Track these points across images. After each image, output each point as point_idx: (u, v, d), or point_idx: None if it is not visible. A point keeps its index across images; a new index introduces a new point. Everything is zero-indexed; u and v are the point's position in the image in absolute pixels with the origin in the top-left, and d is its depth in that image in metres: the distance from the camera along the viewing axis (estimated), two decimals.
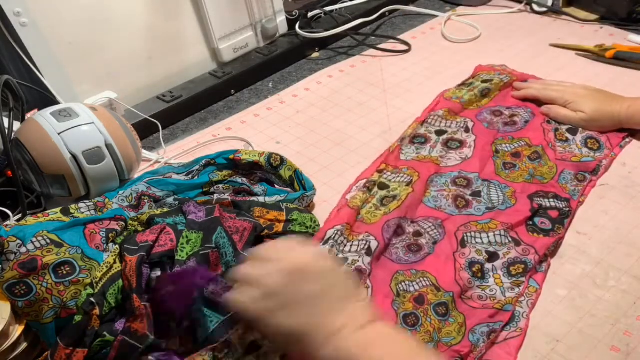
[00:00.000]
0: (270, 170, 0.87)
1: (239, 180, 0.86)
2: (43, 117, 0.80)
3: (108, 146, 0.82)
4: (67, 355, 0.61)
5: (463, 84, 1.09)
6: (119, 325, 0.63)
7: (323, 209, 0.86)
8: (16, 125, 0.83)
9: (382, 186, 0.87)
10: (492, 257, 0.75)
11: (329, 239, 0.76)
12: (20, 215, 0.81)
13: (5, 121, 0.80)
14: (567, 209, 0.81)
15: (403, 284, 0.73)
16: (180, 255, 0.68)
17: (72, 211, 0.75)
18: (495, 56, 1.19)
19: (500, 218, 0.80)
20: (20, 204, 0.80)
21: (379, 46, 1.26)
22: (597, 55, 1.15)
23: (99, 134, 0.81)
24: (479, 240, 0.77)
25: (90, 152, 0.80)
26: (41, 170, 0.79)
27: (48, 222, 0.70)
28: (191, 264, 0.66)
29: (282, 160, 0.87)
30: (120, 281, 0.66)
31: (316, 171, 0.94)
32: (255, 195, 0.84)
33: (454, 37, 1.27)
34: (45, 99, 0.96)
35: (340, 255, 0.75)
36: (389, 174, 0.90)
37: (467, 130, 0.96)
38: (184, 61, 1.15)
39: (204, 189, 0.85)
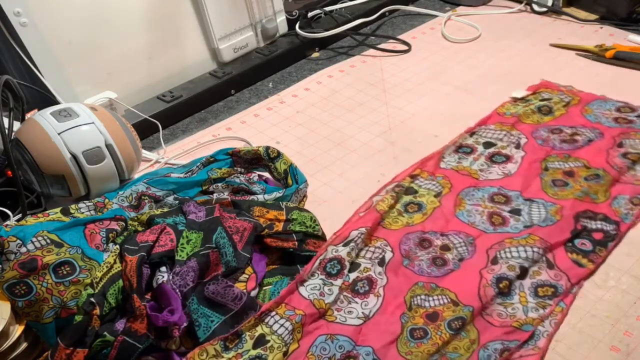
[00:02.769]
0: (268, 161, 0.88)
1: (237, 180, 0.87)
2: (43, 117, 0.80)
3: (108, 146, 0.82)
4: (67, 355, 0.61)
5: (522, 99, 1.05)
6: (119, 325, 0.63)
7: (323, 208, 0.86)
8: (16, 125, 0.83)
9: (410, 191, 0.86)
10: (523, 273, 0.73)
11: (350, 241, 0.76)
12: (20, 215, 0.81)
13: (5, 121, 0.80)
14: (614, 232, 0.78)
15: (419, 297, 0.71)
16: (180, 255, 0.68)
17: (72, 211, 0.75)
18: (495, 56, 1.19)
19: (539, 233, 0.77)
20: (20, 204, 0.80)
21: (379, 46, 1.26)
22: (597, 55, 1.15)
23: (99, 134, 0.81)
24: (515, 254, 0.74)
25: (90, 152, 0.80)
26: (41, 170, 0.79)
27: (48, 222, 0.70)
28: (191, 263, 0.66)
29: (279, 154, 0.88)
30: (121, 281, 0.66)
31: (316, 171, 0.94)
32: (254, 193, 0.84)
33: (454, 37, 1.27)
34: (45, 99, 0.96)
35: (356, 260, 0.75)
36: (422, 180, 0.88)
37: (517, 146, 0.93)
38: (184, 61, 1.15)
39: (203, 187, 0.85)
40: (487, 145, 0.94)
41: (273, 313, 0.67)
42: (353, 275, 0.73)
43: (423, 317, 0.69)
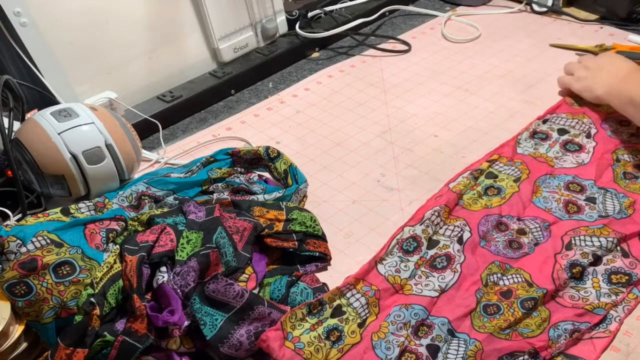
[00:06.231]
0: (268, 161, 0.88)
1: (237, 180, 0.87)
2: (43, 117, 0.80)
3: (108, 146, 0.82)
4: (67, 356, 0.61)
5: None
6: (119, 325, 0.63)
7: (323, 208, 0.86)
8: (16, 125, 0.83)
9: (490, 175, 0.88)
10: (597, 261, 0.73)
11: (425, 220, 0.78)
12: (20, 215, 0.81)
13: (5, 121, 0.80)
14: None
15: (494, 275, 0.73)
16: (180, 255, 0.68)
17: (72, 211, 0.75)
18: (495, 56, 1.20)
19: (614, 226, 0.77)
20: (20, 204, 0.80)
21: (379, 46, 1.26)
22: (597, 55, 1.15)
23: (99, 134, 0.81)
24: (588, 243, 0.75)
25: (90, 152, 0.80)
26: (41, 170, 0.79)
27: (48, 222, 0.70)
28: (191, 263, 0.66)
29: (279, 154, 0.88)
30: (121, 281, 0.66)
31: (316, 171, 0.94)
32: (254, 193, 0.84)
33: (454, 37, 1.27)
34: (45, 99, 0.96)
35: (434, 237, 0.77)
36: (501, 165, 0.90)
37: (588, 135, 0.94)
38: (184, 61, 1.15)
39: (203, 187, 0.85)
40: (561, 132, 0.95)
41: (352, 287, 0.70)
42: (431, 252, 0.75)
43: (497, 294, 0.71)
